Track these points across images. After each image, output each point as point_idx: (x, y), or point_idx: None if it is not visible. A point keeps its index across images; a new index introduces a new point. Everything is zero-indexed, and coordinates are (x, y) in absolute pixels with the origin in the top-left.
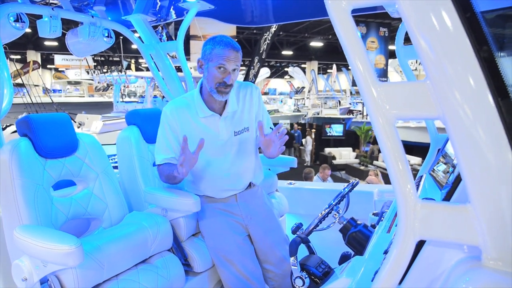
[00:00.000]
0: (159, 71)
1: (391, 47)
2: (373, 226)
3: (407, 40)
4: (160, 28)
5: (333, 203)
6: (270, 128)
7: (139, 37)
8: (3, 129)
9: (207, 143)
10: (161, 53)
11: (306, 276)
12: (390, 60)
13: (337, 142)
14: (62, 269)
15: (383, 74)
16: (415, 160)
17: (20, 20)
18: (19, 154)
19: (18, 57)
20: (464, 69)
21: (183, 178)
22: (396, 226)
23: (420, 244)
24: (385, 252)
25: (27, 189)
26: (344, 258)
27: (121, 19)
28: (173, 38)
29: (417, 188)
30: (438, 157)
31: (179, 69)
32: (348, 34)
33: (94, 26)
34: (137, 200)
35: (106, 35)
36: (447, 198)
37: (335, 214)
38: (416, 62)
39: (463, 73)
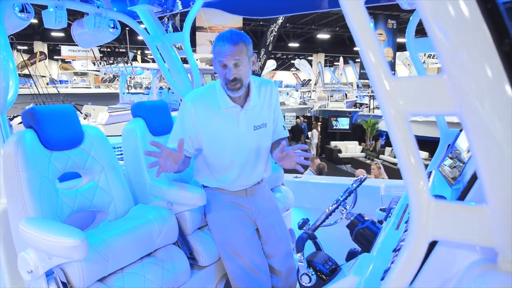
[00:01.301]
0: (165, 62)
1: (399, 40)
2: (380, 222)
3: (417, 32)
4: (166, 19)
5: (341, 199)
6: (283, 126)
7: (145, 28)
8: (10, 119)
9: (226, 134)
10: (167, 44)
11: (313, 273)
12: (398, 53)
13: (343, 136)
14: (67, 262)
15: (390, 67)
16: (422, 154)
17: (25, 11)
18: (24, 146)
19: (25, 48)
20: (484, 62)
21: (180, 168)
22: (405, 223)
23: (432, 244)
24: (394, 250)
25: (33, 182)
26: (351, 255)
27: (127, 10)
28: (179, 30)
29: None
30: (448, 153)
31: (185, 61)
32: (361, 25)
33: (100, 16)
34: (143, 193)
35: (112, 26)
36: (462, 197)
37: (342, 210)
38: (425, 55)
39: (483, 67)
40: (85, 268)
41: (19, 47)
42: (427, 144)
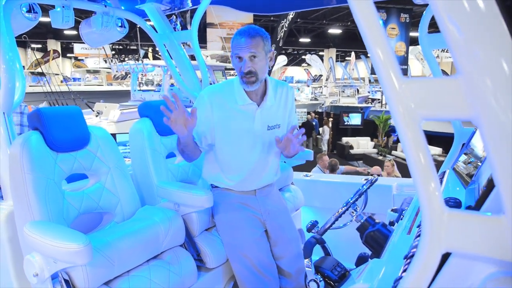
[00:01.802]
0: (172, 60)
1: (412, 34)
2: (392, 223)
3: (431, 26)
4: (174, 17)
5: (351, 201)
6: (297, 129)
7: (153, 26)
8: None
9: (240, 130)
10: (175, 42)
11: (321, 279)
12: (410, 48)
13: (355, 132)
14: (72, 266)
15: (403, 61)
16: (435, 150)
17: (32, 11)
18: (29, 148)
19: (39, 46)
20: (502, 60)
21: (188, 142)
22: (417, 227)
23: (445, 254)
24: (406, 257)
25: (38, 184)
26: (361, 260)
27: (135, 8)
28: (188, 27)
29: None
30: (462, 152)
31: (193, 58)
32: (369, 23)
33: (107, 15)
34: (150, 194)
35: (120, 25)
36: (477, 205)
37: (352, 212)
38: (439, 49)
39: (501, 65)
40: (90, 272)
41: (33, 46)
42: (441, 140)
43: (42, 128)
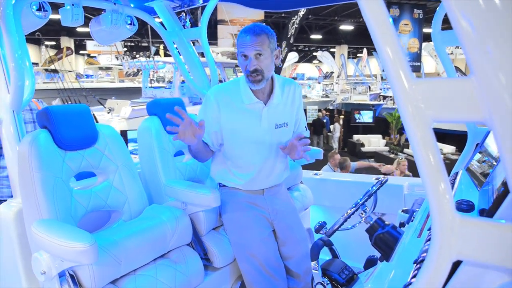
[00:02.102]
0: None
1: (425, 30)
2: (402, 224)
3: (445, 22)
4: (184, 14)
5: (360, 202)
6: (305, 127)
7: (162, 24)
8: None
9: (248, 130)
10: (184, 40)
11: (328, 282)
12: (424, 44)
13: (366, 129)
14: (79, 264)
15: (416, 58)
16: (448, 149)
17: (42, 9)
18: (38, 147)
19: (53, 43)
20: None
21: (199, 148)
22: (428, 230)
23: (456, 262)
24: (415, 262)
25: (46, 182)
26: (369, 263)
27: (144, 6)
28: (198, 24)
29: (452, 186)
30: (476, 152)
31: (203, 55)
32: (378, 20)
33: (117, 13)
34: (158, 192)
35: (129, 22)
36: (491, 210)
37: (361, 213)
38: (452, 46)
39: None
40: (96, 271)
41: (46, 43)
42: (455, 138)
43: (50, 126)
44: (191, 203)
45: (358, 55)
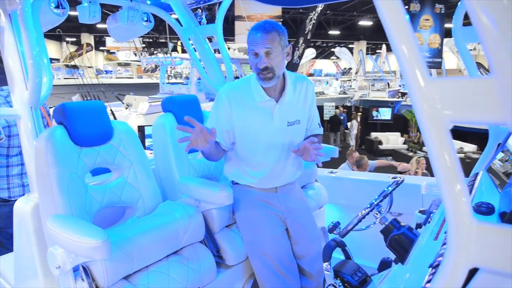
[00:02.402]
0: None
1: (447, 25)
2: (419, 226)
3: (467, 17)
4: (200, 10)
5: (375, 203)
6: (318, 124)
7: (177, 20)
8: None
9: (260, 128)
10: (199, 37)
11: (340, 284)
12: (445, 40)
13: (385, 127)
14: (92, 260)
15: (437, 54)
16: (469, 147)
17: (60, 6)
18: (54, 143)
19: (73, 39)
20: None
21: (211, 151)
22: (445, 233)
23: (473, 269)
24: (431, 266)
25: (62, 178)
26: (384, 265)
27: (160, 2)
28: (215, 21)
29: (471, 188)
30: (497, 152)
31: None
32: (394, 17)
33: (133, 10)
34: (171, 189)
35: (145, 19)
36: (510, 218)
37: (376, 214)
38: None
39: None
40: (109, 266)
41: (67, 39)
42: (476, 137)
43: (66, 122)
44: (204, 200)
45: (377, 51)
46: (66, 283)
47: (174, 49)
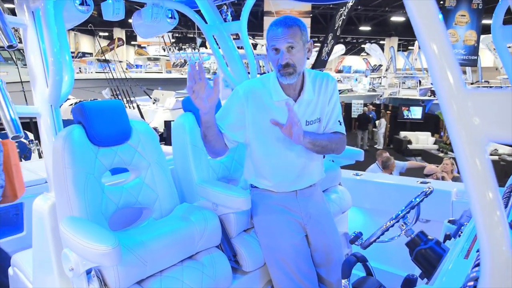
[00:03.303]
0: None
1: (484, 22)
2: (448, 237)
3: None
4: (225, 7)
5: (400, 214)
6: (338, 121)
7: (202, 16)
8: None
9: (276, 128)
10: (224, 34)
11: None
12: (482, 36)
13: (415, 126)
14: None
15: (473, 51)
16: (504, 149)
17: (85, 3)
18: (71, 142)
19: (106, 34)
20: None
21: (210, 122)
22: (477, 251)
23: None
24: None
25: (78, 179)
26: (408, 283)
27: None
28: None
29: (507, 201)
30: None
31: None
32: (426, 17)
33: (157, 7)
34: (190, 190)
35: (170, 16)
36: None
37: (402, 225)
38: None
39: None
40: (121, 271)
41: (100, 34)
42: None
43: (85, 122)
44: (221, 204)
45: (409, 47)
46: (80, 285)
47: (203, 45)
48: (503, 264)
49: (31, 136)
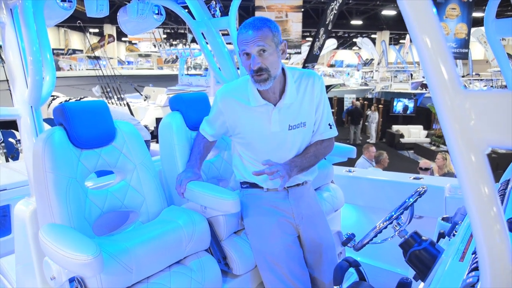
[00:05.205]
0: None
1: (474, 14)
2: (442, 235)
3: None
4: (214, 2)
5: (394, 215)
6: (329, 124)
7: (189, 12)
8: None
9: (257, 134)
10: (212, 30)
11: None
12: (472, 29)
13: (407, 119)
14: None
15: (464, 44)
16: None
17: (67, 0)
18: (52, 145)
19: (96, 30)
20: None
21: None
22: (472, 254)
23: None
24: None
25: (59, 184)
26: (401, 287)
27: None
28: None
29: (502, 199)
30: None
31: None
32: (419, 12)
33: (143, 3)
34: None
35: (156, 12)
36: None
37: (395, 226)
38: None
39: None
40: (104, 280)
41: (90, 30)
42: None
43: (66, 123)
44: (210, 207)
45: (401, 41)
46: None
47: (194, 41)
48: (504, 264)
49: (18, 136)
